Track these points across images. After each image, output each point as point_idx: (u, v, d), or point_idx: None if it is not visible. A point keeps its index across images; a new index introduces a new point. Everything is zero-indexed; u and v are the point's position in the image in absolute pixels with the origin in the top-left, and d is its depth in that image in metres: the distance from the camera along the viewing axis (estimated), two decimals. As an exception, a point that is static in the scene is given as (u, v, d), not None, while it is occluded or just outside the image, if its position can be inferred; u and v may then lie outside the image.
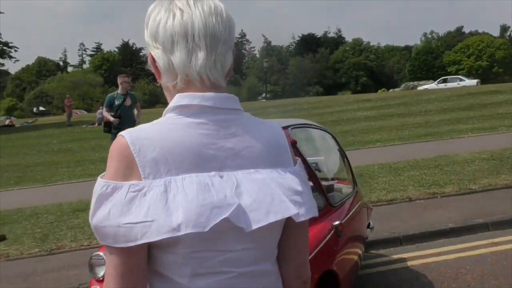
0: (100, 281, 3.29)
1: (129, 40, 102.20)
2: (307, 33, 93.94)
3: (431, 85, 41.16)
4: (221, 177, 1.06)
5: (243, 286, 1.09)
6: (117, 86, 9.41)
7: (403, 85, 50.82)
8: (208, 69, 1.11)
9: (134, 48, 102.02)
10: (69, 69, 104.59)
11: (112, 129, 8.99)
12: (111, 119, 9.00)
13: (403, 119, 18.67)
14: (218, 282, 1.07)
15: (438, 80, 43.78)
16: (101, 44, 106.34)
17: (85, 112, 55.18)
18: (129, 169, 1.02)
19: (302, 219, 1.10)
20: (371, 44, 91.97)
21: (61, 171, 12.68)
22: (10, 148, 20.08)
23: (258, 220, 1.05)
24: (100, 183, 1.02)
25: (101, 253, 3.38)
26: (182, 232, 0.97)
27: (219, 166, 1.07)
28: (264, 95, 62.40)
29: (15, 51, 36.86)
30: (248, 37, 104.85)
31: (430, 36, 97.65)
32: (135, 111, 9.51)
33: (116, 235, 0.99)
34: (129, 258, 1.01)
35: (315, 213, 1.16)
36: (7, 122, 38.44)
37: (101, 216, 1.00)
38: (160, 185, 1.00)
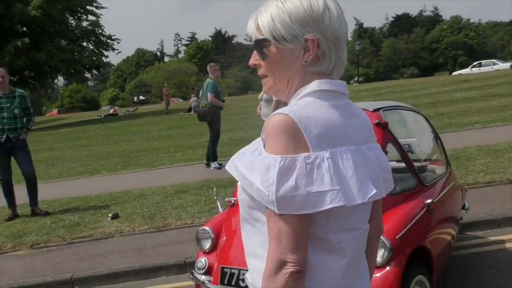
0: (207, 253, 3.60)
1: (221, 28, 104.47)
2: (401, 13, 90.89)
3: (466, 70, 39.60)
4: (357, 151, 1.25)
5: (363, 239, 1.33)
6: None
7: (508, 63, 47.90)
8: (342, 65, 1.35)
9: (226, 36, 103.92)
10: (166, 59, 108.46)
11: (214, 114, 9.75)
12: (222, 104, 9.91)
13: (506, 99, 17.73)
14: (355, 236, 1.28)
15: (473, 64, 41.51)
16: (195, 33, 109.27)
17: (182, 100, 57.22)
18: (297, 143, 1.16)
19: (384, 194, 1.34)
20: (471, 21, 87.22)
21: (162, 156, 13.40)
22: (115, 135, 21.45)
23: (378, 195, 1.28)
24: (275, 158, 1.15)
25: (207, 228, 3.70)
26: (358, 201, 1.19)
27: (354, 142, 1.25)
28: (356, 78, 61.33)
29: (118, 43, 38.88)
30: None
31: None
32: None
33: (303, 202, 1.14)
34: (306, 223, 1.17)
35: (392, 186, 1.40)
36: (111, 111, 40.85)
37: (288, 187, 1.13)
38: (328, 156, 1.17)
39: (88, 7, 37.07)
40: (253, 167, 1.21)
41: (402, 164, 3.79)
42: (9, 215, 7.34)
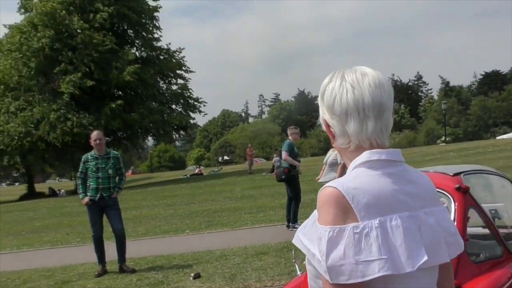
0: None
1: (304, 89, 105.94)
2: (491, 70, 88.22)
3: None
4: (411, 217, 1.28)
5: None
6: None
7: None
8: (376, 135, 1.35)
9: (309, 97, 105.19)
10: (250, 119, 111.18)
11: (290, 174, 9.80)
12: (296, 163, 9.87)
13: None
14: None
15: None
16: (278, 94, 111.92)
17: (265, 160, 57.96)
18: (345, 214, 1.23)
19: (450, 259, 1.34)
20: None
21: (244, 217, 13.54)
22: (200, 195, 22.02)
23: (432, 262, 1.27)
24: (325, 229, 1.23)
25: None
26: (407, 270, 1.21)
27: (408, 208, 1.29)
28: (443, 138, 59.50)
29: (204, 105, 40.51)
30: (424, 79, 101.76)
31: None
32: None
33: (353, 271, 1.19)
34: None
35: (461, 249, 1.38)
36: (196, 171, 42.19)
37: (337, 256, 1.20)
38: (377, 225, 1.22)
39: (178, 71, 39.21)
40: (312, 239, 1.28)
41: (487, 231, 3.65)
42: (99, 271, 7.70)
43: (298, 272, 4.08)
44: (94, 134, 7.75)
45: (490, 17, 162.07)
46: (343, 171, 9.28)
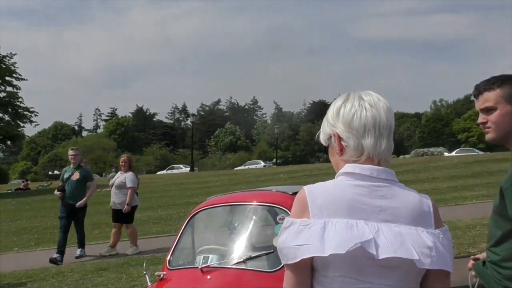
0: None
1: (143, 105, 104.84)
2: (318, 99, 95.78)
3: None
4: (366, 224, 1.43)
5: None
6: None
7: (413, 152, 51.33)
8: (386, 152, 1.54)
9: (148, 114, 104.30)
10: (84, 133, 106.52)
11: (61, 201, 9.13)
12: (55, 192, 9.30)
13: (411, 186, 18.86)
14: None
15: None
16: (116, 109, 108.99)
17: (98, 176, 55.95)
18: (303, 211, 1.47)
19: (424, 267, 1.41)
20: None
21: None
22: (27, 210, 20.62)
23: (386, 252, 1.38)
24: (285, 220, 1.49)
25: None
26: (327, 253, 1.38)
27: (365, 217, 1.44)
28: (274, 160, 63.03)
29: (35, 115, 38.08)
30: (259, 104, 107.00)
31: (439, 103, 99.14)
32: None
33: (288, 254, 1.43)
34: (297, 273, 1.46)
35: (444, 266, 1.45)
36: (22, 185, 39.19)
37: (282, 241, 1.46)
38: (321, 223, 1.42)
39: (7, 78, 36.43)
40: None
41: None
42: None
43: (149, 283, 4.27)
44: None
45: (320, 53, 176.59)
46: (133, 194, 9.32)
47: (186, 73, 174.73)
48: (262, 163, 55.53)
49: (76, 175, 9.05)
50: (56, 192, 9.25)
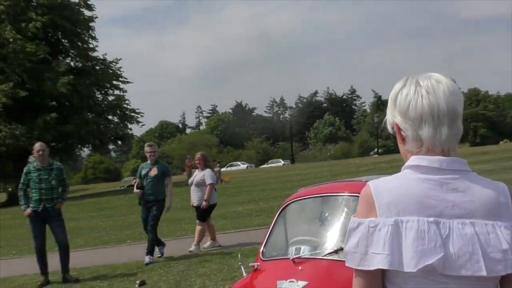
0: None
1: (241, 101, 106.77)
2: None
3: None
4: (438, 223, 1.32)
5: None
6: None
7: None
8: (449, 141, 1.39)
9: (247, 109, 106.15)
10: (187, 131, 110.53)
11: (138, 199, 8.88)
12: (134, 190, 8.91)
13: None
14: None
15: None
16: (216, 106, 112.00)
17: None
18: (370, 209, 1.37)
19: (495, 275, 1.32)
20: (490, 93, 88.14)
21: (184, 227, 13.72)
22: (138, 205, 21.84)
23: (451, 270, 1.31)
24: (351, 220, 1.39)
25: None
26: (406, 269, 1.30)
27: (437, 214, 1.34)
28: (376, 150, 61.67)
29: (141, 116, 40.21)
30: (358, 93, 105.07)
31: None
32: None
33: (361, 260, 1.34)
34: (367, 278, 1.36)
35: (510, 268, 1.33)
36: (133, 182, 41.65)
37: (352, 244, 1.36)
38: (390, 223, 1.33)
39: (114, 82, 38.77)
40: None
41: None
42: (41, 281, 7.71)
43: (244, 274, 4.42)
44: (38, 145, 7.78)
45: (421, 36, 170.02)
46: (211, 191, 9.25)
47: (282, 66, 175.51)
48: (282, 162, 57.28)
49: (154, 171, 8.71)
50: (135, 190, 8.84)
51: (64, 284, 7.57)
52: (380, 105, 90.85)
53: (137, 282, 7.12)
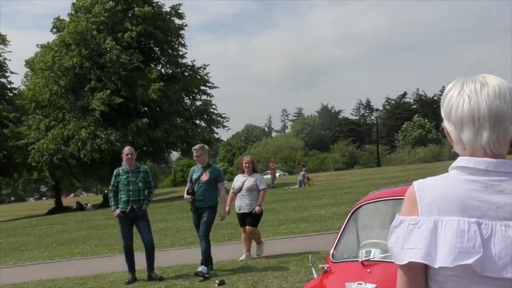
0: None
1: (327, 103, 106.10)
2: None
3: None
4: (479, 224, 1.33)
5: None
6: None
7: None
8: (491, 144, 1.39)
9: (333, 111, 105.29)
10: (273, 134, 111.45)
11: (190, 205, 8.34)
12: (185, 196, 8.38)
13: None
14: None
15: None
16: (302, 109, 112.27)
17: (287, 175, 58.22)
18: (413, 207, 1.42)
19: None
20: None
21: (266, 229, 13.82)
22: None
23: (491, 271, 1.30)
24: (395, 217, 1.45)
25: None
26: (433, 264, 1.33)
27: (480, 215, 1.34)
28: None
29: (227, 121, 41.09)
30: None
31: None
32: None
33: (398, 255, 1.39)
34: (408, 273, 1.41)
35: None
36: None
37: (392, 240, 1.41)
38: (430, 222, 1.37)
39: (202, 87, 39.93)
40: None
41: None
42: (129, 278, 8.15)
43: (315, 275, 4.46)
44: (127, 149, 8.26)
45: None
46: (264, 196, 9.02)
47: (369, 68, 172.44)
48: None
49: (205, 176, 8.13)
50: (185, 196, 8.28)
51: (149, 282, 7.95)
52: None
53: (217, 281, 7.35)
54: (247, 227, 8.91)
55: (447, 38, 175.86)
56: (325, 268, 4.07)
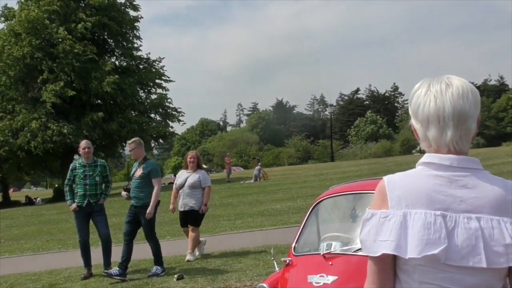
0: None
1: (282, 98, 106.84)
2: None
3: None
4: (444, 217, 1.42)
5: None
6: None
7: None
8: (455, 142, 1.48)
9: (287, 106, 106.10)
10: (228, 128, 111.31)
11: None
12: (122, 193, 8.14)
13: None
14: None
15: None
16: (257, 103, 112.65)
17: (242, 169, 58.31)
18: (382, 202, 1.50)
19: (496, 266, 1.40)
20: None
21: (222, 223, 13.90)
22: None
23: (454, 260, 1.40)
24: (366, 211, 1.52)
25: (265, 285, 4.15)
26: (404, 255, 1.42)
27: (445, 208, 1.43)
28: (418, 148, 60.64)
29: (182, 115, 40.78)
30: (400, 90, 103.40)
31: None
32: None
33: (371, 247, 1.47)
34: (377, 264, 1.50)
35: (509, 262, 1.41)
36: (172, 179, 42.28)
37: (364, 233, 1.49)
38: (399, 215, 1.45)
39: (157, 81, 39.46)
40: None
41: None
42: (85, 274, 8.02)
43: (276, 268, 4.53)
44: (84, 143, 8.11)
45: (468, 30, 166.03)
46: (209, 194, 8.61)
47: (324, 64, 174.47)
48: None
49: (138, 171, 7.70)
50: (122, 193, 8.04)
51: (106, 277, 7.83)
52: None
53: (175, 276, 7.33)
54: (189, 226, 8.47)
55: (400, 35, 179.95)
56: (287, 261, 4.14)
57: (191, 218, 8.47)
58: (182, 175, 8.70)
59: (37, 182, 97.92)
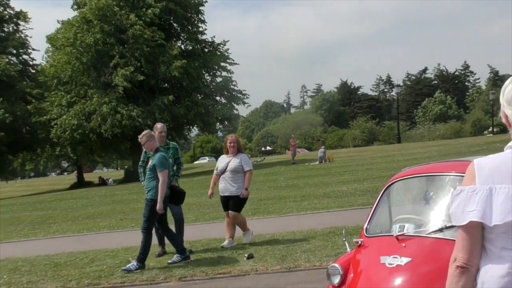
0: (336, 287, 4.09)
1: (347, 79, 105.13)
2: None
3: None
4: None
5: None
6: None
7: None
8: None
9: (352, 87, 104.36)
10: (292, 110, 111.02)
11: None
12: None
13: None
14: None
15: None
16: (321, 85, 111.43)
17: (307, 151, 58.21)
18: (471, 180, 1.75)
19: None
20: None
21: (289, 205, 14.03)
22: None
23: None
24: (456, 188, 1.80)
25: (337, 265, 4.18)
26: (489, 223, 1.67)
27: None
28: (490, 129, 58.22)
29: (247, 97, 41.10)
30: (471, 69, 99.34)
31: None
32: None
33: (459, 218, 1.73)
34: (467, 232, 1.73)
35: None
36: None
37: (454, 206, 1.75)
38: (486, 189, 1.70)
39: (222, 64, 39.89)
40: None
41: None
42: (159, 251, 8.36)
43: (348, 249, 4.57)
44: (160, 126, 8.38)
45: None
46: (251, 179, 8.45)
47: (389, 44, 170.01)
48: (207, 159, 59.39)
49: (149, 163, 7.66)
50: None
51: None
52: (497, 80, 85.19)
53: (246, 255, 7.52)
54: (229, 211, 8.39)
55: (470, 12, 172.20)
56: (359, 242, 4.15)
57: (232, 203, 8.37)
58: (222, 160, 8.61)
59: (108, 163, 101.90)
